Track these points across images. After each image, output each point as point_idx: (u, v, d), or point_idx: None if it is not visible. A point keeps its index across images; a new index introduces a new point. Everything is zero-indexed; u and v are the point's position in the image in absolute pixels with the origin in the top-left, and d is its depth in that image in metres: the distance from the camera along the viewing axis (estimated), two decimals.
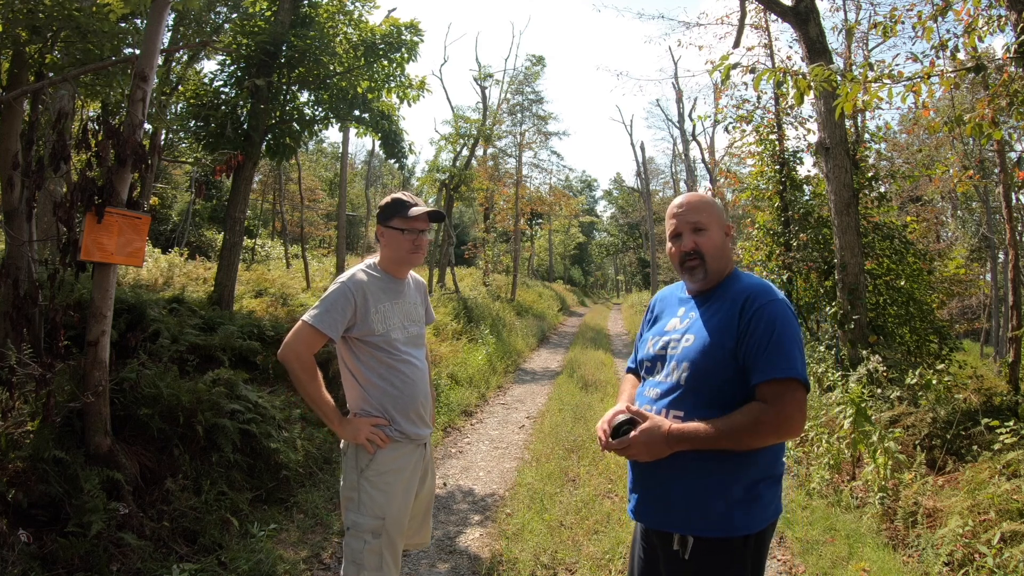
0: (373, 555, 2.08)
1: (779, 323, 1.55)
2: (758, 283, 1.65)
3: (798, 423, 1.51)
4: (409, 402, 2.20)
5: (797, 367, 1.51)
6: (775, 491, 1.61)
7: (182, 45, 7.04)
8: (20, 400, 3.13)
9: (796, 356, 1.53)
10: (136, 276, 7.62)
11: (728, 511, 1.53)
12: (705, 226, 1.70)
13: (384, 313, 2.18)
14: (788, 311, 1.58)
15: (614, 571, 3.21)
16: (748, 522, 1.54)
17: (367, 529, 2.09)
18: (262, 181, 19.46)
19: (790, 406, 1.49)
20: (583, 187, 49.15)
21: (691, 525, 1.55)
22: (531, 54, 33.49)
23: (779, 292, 1.64)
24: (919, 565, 3.26)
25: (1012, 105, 3.96)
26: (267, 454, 4.04)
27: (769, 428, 1.49)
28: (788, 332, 1.55)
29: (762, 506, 1.56)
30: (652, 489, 1.63)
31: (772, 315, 1.56)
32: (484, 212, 21.46)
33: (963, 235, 21.47)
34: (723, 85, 6.05)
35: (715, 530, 1.53)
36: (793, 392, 1.50)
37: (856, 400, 4.22)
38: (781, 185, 8.36)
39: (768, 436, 1.51)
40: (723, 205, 1.83)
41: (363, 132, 8.10)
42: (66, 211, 3.07)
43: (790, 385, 1.50)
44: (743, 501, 1.54)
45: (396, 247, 2.21)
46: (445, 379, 7.50)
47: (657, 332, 1.78)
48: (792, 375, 1.50)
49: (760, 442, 1.52)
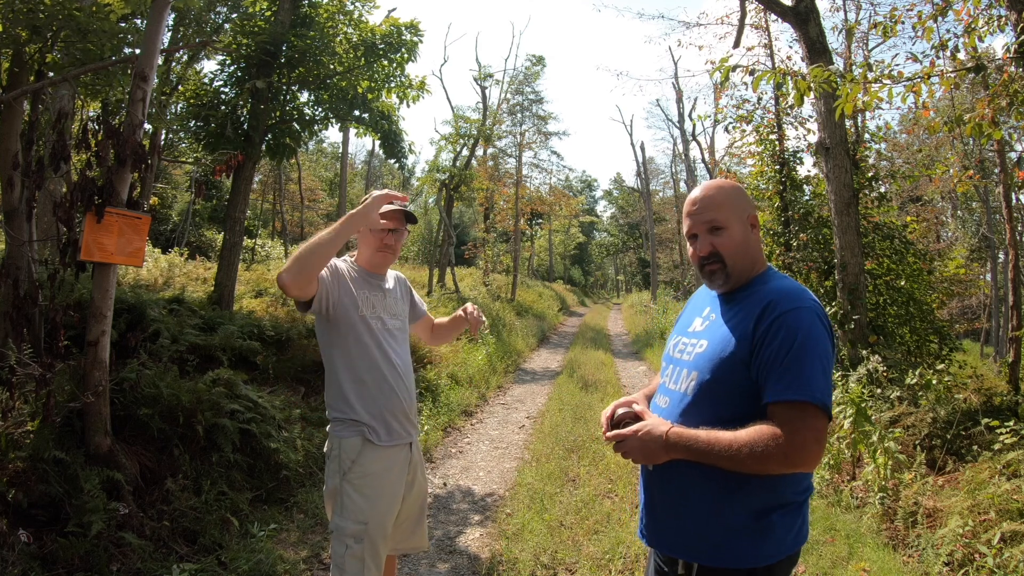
0: (354, 560, 2.04)
1: (801, 335, 1.33)
2: (787, 286, 1.43)
3: (813, 454, 1.29)
4: (392, 398, 2.16)
5: (815, 389, 1.29)
6: (794, 520, 1.40)
7: (182, 45, 7.04)
8: (20, 400, 3.13)
9: (817, 376, 1.30)
10: (136, 276, 7.62)
11: (732, 540, 1.38)
12: (723, 223, 1.50)
13: (370, 300, 2.19)
14: (816, 322, 1.36)
15: (614, 571, 3.21)
16: (756, 554, 1.37)
17: (349, 534, 2.05)
18: (262, 181, 19.48)
19: (803, 434, 1.27)
20: (583, 187, 49.14)
21: (694, 552, 1.43)
22: (531, 54, 33.53)
23: (810, 299, 1.40)
24: (919, 565, 3.26)
25: (1012, 105, 3.96)
26: (267, 454, 4.04)
27: (777, 456, 1.27)
28: (811, 347, 1.32)
29: (775, 538, 1.38)
30: (657, 511, 1.51)
31: (794, 325, 1.34)
32: (484, 212, 21.45)
33: (963, 235, 21.47)
34: (723, 86, 6.05)
35: (718, 560, 1.39)
36: (808, 418, 1.28)
37: (856, 400, 4.22)
38: (781, 185, 8.36)
39: (774, 464, 1.29)
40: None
41: (363, 132, 8.10)
42: (66, 211, 3.07)
43: (806, 410, 1.29)
44: (752, 530, 1.37)
45: (366, 244, 2.25)
46: (445, 379, 7.50)
47: (679, 331, 1.64)
48: (807, 399, 1.28)
49: (764, 469, 1.31)
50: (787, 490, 1.39)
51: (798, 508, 1.41)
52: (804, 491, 1.43)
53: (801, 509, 1.42)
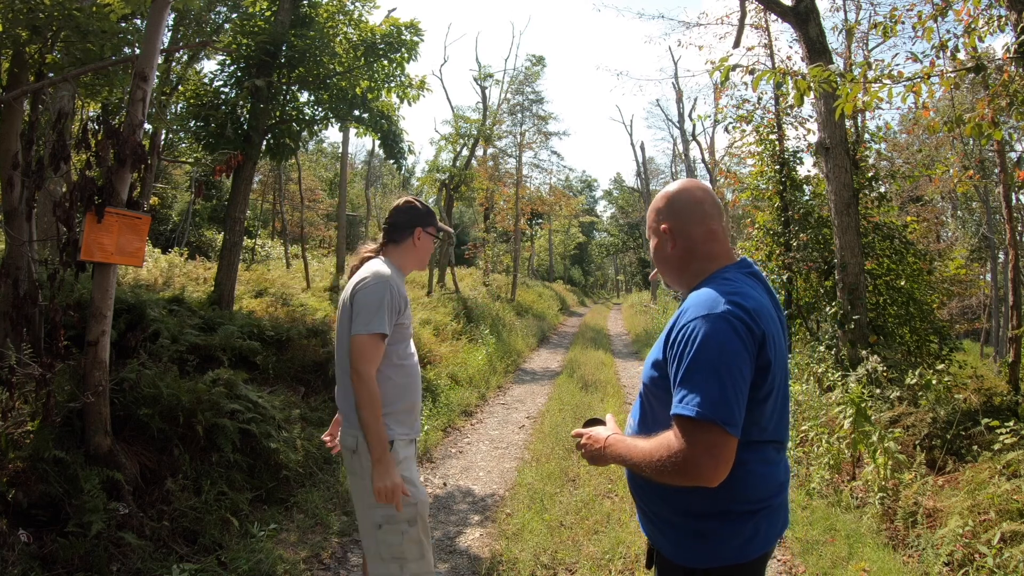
0: (413, 544, 2.07)
1: (697, 346, 1.27)
2: (701, 296, 1.36)
3: (707, 469, 1.23)
4: (416, 394, 2.25)
5: (703, 403, 1.23)
6: (737, 530, 1.36)
7: (182, 45, 7.04)
8: (20, 400, 3.13)
9: (708, 389, 1.24)
10: (136, 276, 7.62)
11: (675, 536, 1.42)
12: (648, 235, 1.57)
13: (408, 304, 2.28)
14: (721, 329, 1.27)
15: (614, 571, 3.21)
16: (694, 555, 1.39)
17: (403, 519, 2.07)
18: (262, 181, 19.45)
19: (695, 448, 1.23)
20: (583, 187, 49.14)
21: (656, 540, 1.49)
22: (531, 54, 33.55)
23: (723, 304, 1.30)
24: (919, 565, 3.26)
25: (1012, 105, 3.96)
26: (267, 454, 4.04)
27: (671, 469, 1.26)
28: (706, 358, 1.25)
29: (711, 545, 1.37)
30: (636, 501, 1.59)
31: (692, 336, 1.28)
32: (484, 212, 21.46)
33: (963, 235, 21.48)
34: (723, 86, 6.06)
35: (668, 551, 1.45)
36: (699, 433, 1.24)
37: (856, 400, 4.22)
38: (781, 185, 8.36)
39: (671, 476, 1.27)
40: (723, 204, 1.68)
41: (363, 132, 8.10)
42: (66, 211, 3.07)
43: (696, 425, 1.24)
44: (688, 531, 1.39)
45: (426, 250, 2.35)
46: (445, 379, 7.50)
47: None
48: (695, 414, 1.23)
49: (662, 479, 1.30)
50: (727, 499, 1.35)
51: (745, 518, 1.36)
52: (756, 500, 1.37)
53: (753, 519, 1.37)
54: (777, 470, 1.44)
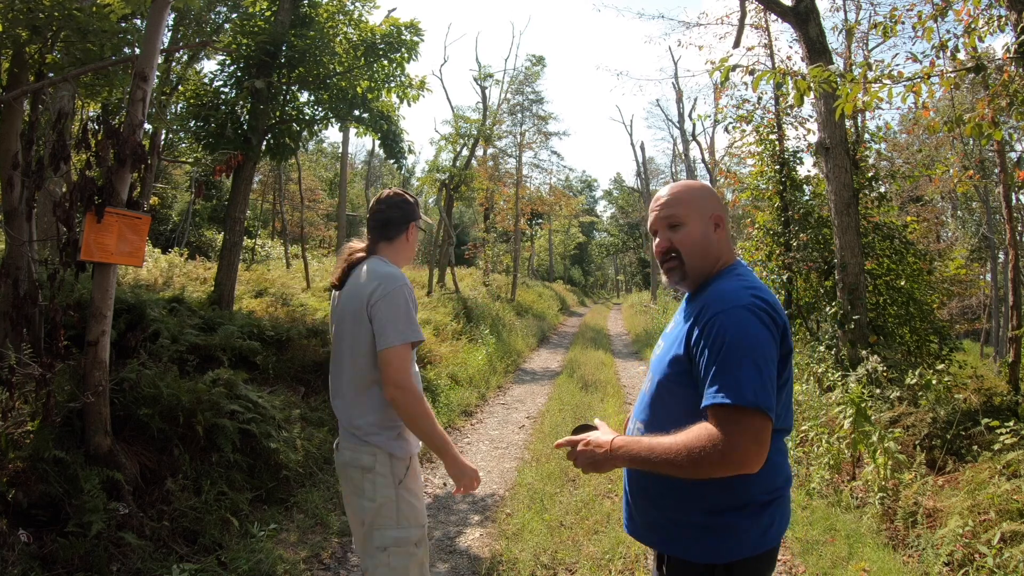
0: (419, 567, 1.98)
1: (730, 336, 1.29)
2: (726, 287, 1.41)
3: (752, 455, 1.25)
4: None
5: (745, 391, 1.25)
6: (758, 520, 1.38)
7: (182, 45, 7.05)
8: (20, 400, 3.12)
9: (747, 377, 1.26)
10: (136, 276, 7.62)
11: (693, 535, 1.40)
12: (682, 220, 1.50)
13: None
14: (750, 320, 1.31)
15: (614, 571, 3.21)
16: (714, 551, 1.38)
17: (412, 541, 1.95)
18: (262, 181, 19.46)
19: (738, 436, 1.24)
20: (583, 187, 49.14)
21: (666, 543, 1.47)
22: (531, 54, 33.58)
23: (748, 296, 1.35)
24: (919, 565, 3.26)
25: (1012, 105, 3.96)
26: (267, 454, 4.04)
27: (714, 458, 1.25)
28: (740, 347, 1.28)
29: (735, 537, 1.37)
30: (634, 505, 1.54)
31: (723, 327, 1.31)
32: (484, 212, 21.47)
33: (963, 235, 21.48)
34: (723, 86, 6.06)
35: (683, 552, 1.43)
36: (742, 420, 1.25)
37: (856, 400, 4.22)
38: (781, 185, 8.36)
39: (712, 467, 1.26)
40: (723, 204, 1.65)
41: (363, 132, 8.10)
42: (66, 211, 3.06)
43: (740, 412, 1.25)
44: (709, 528, 1.38)
45: (415, 244, 2.26)
46: (445, 379, 7.50)
47: (663, 333, 1.66)
48: (739, 402, 1.24)
49: (703, 474, 1.28)
50: (748, 490, 1.37)
51: (764, 507, 1.39)
52: (774, 490, 1.41)
53: (769, 508, 1.40)
54: (786, 460, 1.48)
